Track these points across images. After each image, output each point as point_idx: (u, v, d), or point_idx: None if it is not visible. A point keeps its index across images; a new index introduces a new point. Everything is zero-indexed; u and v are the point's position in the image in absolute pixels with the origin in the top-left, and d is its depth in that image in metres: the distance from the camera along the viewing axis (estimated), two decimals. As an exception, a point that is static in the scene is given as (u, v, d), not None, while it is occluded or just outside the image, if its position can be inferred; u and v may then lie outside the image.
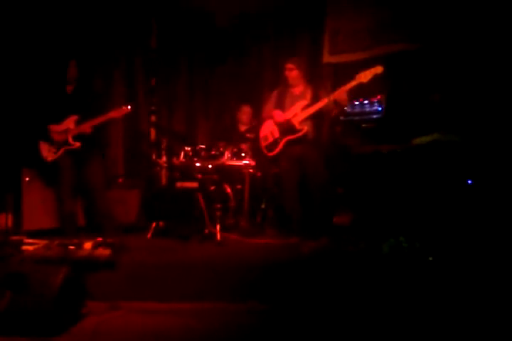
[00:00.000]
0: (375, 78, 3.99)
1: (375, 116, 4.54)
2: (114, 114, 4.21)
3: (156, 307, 2.93)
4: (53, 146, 4.20)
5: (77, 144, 4.17)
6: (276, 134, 4.35)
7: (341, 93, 4.05)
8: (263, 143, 4.48)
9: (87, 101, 4.32)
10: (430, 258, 3.14)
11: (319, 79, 5.24)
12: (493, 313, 2.55)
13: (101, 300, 2.93)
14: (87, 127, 4.17)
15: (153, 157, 5.48)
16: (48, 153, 4.21)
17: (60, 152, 4.19)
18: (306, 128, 4.21)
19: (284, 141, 4.29)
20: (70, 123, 4.20)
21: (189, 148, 4.68)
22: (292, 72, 4.38)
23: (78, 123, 4.21)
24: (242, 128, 5.49)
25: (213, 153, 4.66)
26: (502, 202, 3.60)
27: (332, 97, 4.08)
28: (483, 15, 4.45)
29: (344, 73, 5.22)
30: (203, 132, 6.60)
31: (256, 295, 3.02)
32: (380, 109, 4.52)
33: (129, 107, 4.25)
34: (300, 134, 4.21)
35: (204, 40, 6.49)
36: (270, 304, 2.92)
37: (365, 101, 4.60)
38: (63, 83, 4.32)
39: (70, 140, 4.17)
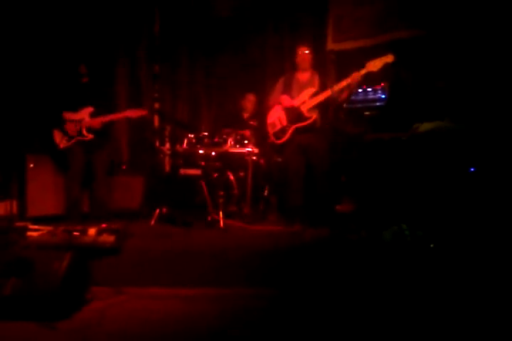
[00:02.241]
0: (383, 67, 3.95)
1: (378, 104, 4.53)
2: (130, 113, 4.33)
3: (160, 293, 2.96)
4: (66, 136, 4.31)
5: (90, 136, 4.29)
6: (285, 122, 4.31)
7: (355, 78, 3.96)
8: (271, 130, 4.44)
9: (100, 92, 4.44)
10: (432, 246, 3.16)
11: (324, 66, 5.21)
12: (494, 301, 2.57)
13: (105, 285, 2.96)
14: (98, 123, 4.27)
15: (157, 144, 5.49)
16: (61, 140, 4.32)
17: (73, 141, 4.30)
18: (314, 116, 4.18)
19: (292, 128, 4.25)
20: (85, 114, 4.31)
21: (192, 136, 4.69)
22: (306, 56, 4.34)
23: (93, 115, 4.31)
24: (246, 115, 5.49)
25: (216, 140, 4.68)
26: (504, 190, 3.60)
27: (339, 86, 4.03)
28: (488, 2, 4.41)
29: (348, 60, 5.21)
30: (206, 119, 6.60)
31: (258, 280, 3.06)
32: (383, 96, 4.50)
33: (146, 111, 4.43)
34: (308, 122, 4.18)
35: (206, 28, 6.45)
36: (273, 290, 2.95)
37: (369, 89, 4.58)
38: (77, 74, 4.41)
39: (84, 131, 4.27)
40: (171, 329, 2.43)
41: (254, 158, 4.81)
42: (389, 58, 3.88)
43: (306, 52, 4.35)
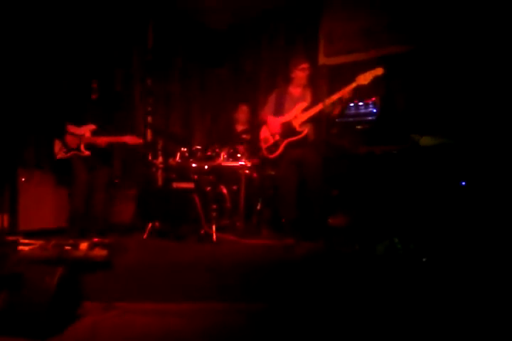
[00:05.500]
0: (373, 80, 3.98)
1: (369, 118, 4.57)
2: (127, 139, 4.40)
3: (152, 308, 2.93)
4: (65, 147, 4.34)
5: (87, 153, 4.33)
6: (277, 136, 4.32)
7: (346, 93, 3.99)
8: (263, 145, 4.45)
9: (108, 108, 4.54)
10: (424, 260, 3.17)
11: (316, 81, 5.25)
12: (486, 315, 2.57)
13: (97, 300, 2.93)
14: (103, 141, 4.34)
15: (150, 157, 5.49)
16: (59, 151, 4.35)
17: (70, 154, 4.33)
18: (306, 130, 4.19)
19: (284, 143, 4.26)
20: (86, 130, 4.37)
21: (185, 149, 4.71)
22: (306, 72, 4.33)
23: (94, 133, 4.38)
24: (239, 127, 5.51)
25: (209, 153, 4.69)
26: (496, 204, 3.62)
27: (331, 100, 4.05)
28: (477, 17, 4.49)
29: (339, 75, 5.27)
30: (199, 133, 6.62)
31: (252, 295, 3.04)
32: (374, 110, 4.54)
33: (142, 140, 4.51)
34: (300, 136, 4.19)
35: (200, 42, 6.52)
36: (265, 304, 2.93)
37: (360, 103, 4.62)
38: (87, 89, 4.48)
39: (82, 147, 4.33)
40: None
41: (247, 171, 4.83)
42: (379, 71, 3.91)
43: (306, 68, 4.34)
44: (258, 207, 4.92)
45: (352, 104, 4.64)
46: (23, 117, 4.70)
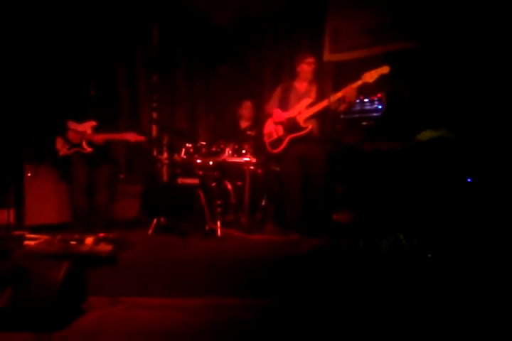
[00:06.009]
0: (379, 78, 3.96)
1: (375, 114, 4.56)
2: (129, 136, 4.38)
3: (157, 303, 2.94)
4: (67, 143, 4.36)
5: (89, 149, 4.35)
6: (281, 132, 4.32)
7: (350, 90, 3.99)
8: (267, 140, 4.46)
9: (106, 107, 4.54)
10: (429, 256, 3.17)
11: (322, 77, 5.24)
12: (491, 311, 2.57)
13: (102, 295, 2.94)
14: (100, 139, 4.34)
15: (155, 153, 5.50)
16: (61, 147, 4.37)
17: (72, 151, 4.35)
18: (310, 126, 4.18)
19: (288, 138, 4.26)
20: (87, 127, 4.38)
21: (190, 145, 4.71)
22: (311, 66, 4.33)
23: (95, 129, 4.38)
24: (244, 124, 5.51)
25: (214, 149, 4.69)
26: (501, 200, 3.61)
27: (335, 97, 4.03)
28: (482, 12, 4.47)
29: (344, 71, 5.25)
30: (204, 129, 6.63)
31: (256, 290, 3.05)
32: (380, 107, 4.53)
33: (143, 138, 4.46)
34: (304, 132, 4.18)
35: (205, 39, 6.51)
36: (272, 299, 2.94)
37: (366, 100, 4.61)
38: (85, 86, 4.50)
39: (84, 144, 4.34)
40: (167, 340, 2.42)
41: (252, 167, 4.82)
42: (385, 69, 3.89)
43: (312, 62, 4.33)
44: (263, 203, 4.93)
45: (357, 101, 4.62)
46: (26, 113, 4.72)
